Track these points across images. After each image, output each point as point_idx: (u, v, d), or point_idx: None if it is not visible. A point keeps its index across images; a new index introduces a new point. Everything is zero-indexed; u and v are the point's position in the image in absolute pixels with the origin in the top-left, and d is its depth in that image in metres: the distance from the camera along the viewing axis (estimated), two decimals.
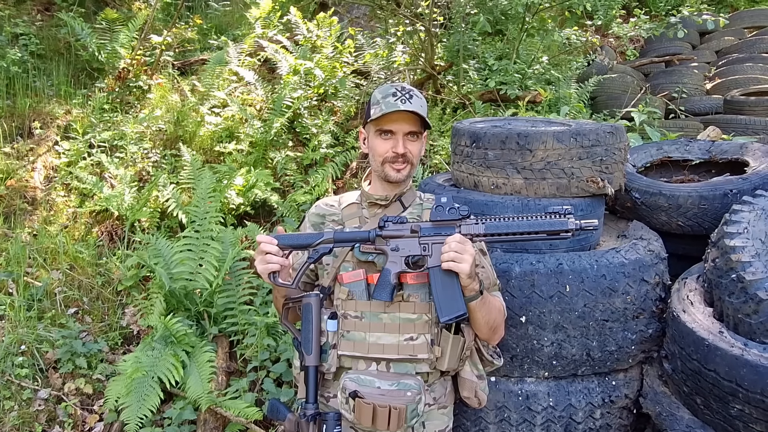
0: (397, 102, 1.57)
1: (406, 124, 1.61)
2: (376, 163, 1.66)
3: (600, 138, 2.14)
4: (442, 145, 4.46)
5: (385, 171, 1.64)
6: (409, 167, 1.65)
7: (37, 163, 4.11)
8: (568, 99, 5.09)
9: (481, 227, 1.49)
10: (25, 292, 3.17)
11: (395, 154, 1.61)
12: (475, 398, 1.68)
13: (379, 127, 1.62)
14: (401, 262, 1.52)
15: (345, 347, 1.58)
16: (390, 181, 1.66)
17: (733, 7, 8.83)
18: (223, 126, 4.60)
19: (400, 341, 1.56)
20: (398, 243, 1.53)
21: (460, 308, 1.48)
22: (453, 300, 1.48)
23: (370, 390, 1.50)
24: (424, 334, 1.56)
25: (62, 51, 5.25)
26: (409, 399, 1.49)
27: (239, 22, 6.34)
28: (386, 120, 1.60)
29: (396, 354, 1.55)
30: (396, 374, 1.56)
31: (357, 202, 1.74)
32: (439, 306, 1.48)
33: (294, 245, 1.58)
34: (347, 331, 1.58)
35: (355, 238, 1.56)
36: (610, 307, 1.97)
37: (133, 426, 2.41)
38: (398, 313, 1.57)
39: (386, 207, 1.69)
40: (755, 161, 2.56)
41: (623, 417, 2.10)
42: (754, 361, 1.58)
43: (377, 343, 1.56)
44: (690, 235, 2.41)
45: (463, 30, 5.32)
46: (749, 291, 1.70)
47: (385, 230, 1.54)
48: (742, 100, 5.04)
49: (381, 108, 1.59)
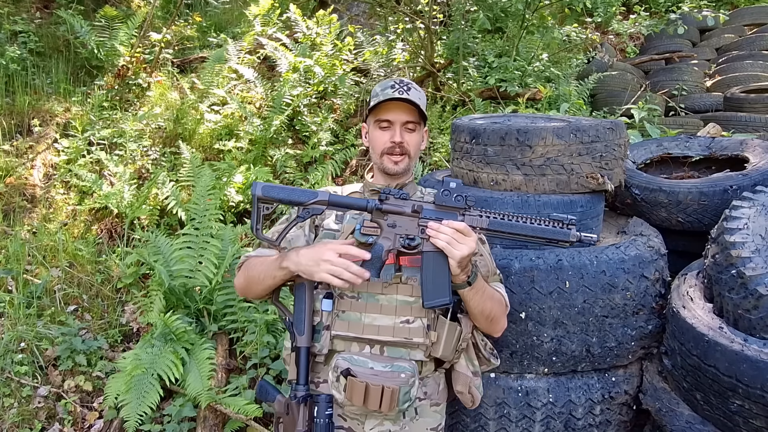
0: (395, 93, 1.60)
1: (402, 114, 1.62)
2: (375, 155, 1.68)
3: (600, 134, 2.14)
4: (441, 142, 4.45)
5: (384, 163, 1.66)
6: (407, 159, 1.66)
7: (36, 161, 4.10)
8: (568, 96, 5.08)
9: (485, 221, 1.46)
10: (24, 289, 3.17)
11: (393, 144, 1.63)
12: (469, 394, 1.65)
13: (378, 118, 1.64)
14: (395, 240, 1.48)
15: (339, 327, 1.54)
16: (389, 174, 1.67)
17: (733, 4, 8.81)
18: (223, 123, 4.59)
19: (395, 323, 1.53)
20: (396, 220, 1.49)
21: (445, 296, 1.44)
22: (440, 287, 1.45)
23: (363, 370, 1.47)
24: (420, 317, 1.55)
25: (61, 48, 5.24)
26: (403, 381, 1.47)
27: (239, 19, 6.34)
28: (383, 109, 1.62)
29: (391, 336, 1.53)
30: (389, 357, 1.54)
31: (359, 191, 1.75)
32: (425, 290, 1.45)
33: (284, 200, 1.48)
34: (342, 311, 1.55)
35: (351, 204, 1.50)
36: (609, 303, 1.96)
37: (133, 423, 2.41)
38: (395, 295, 1.55)
39: None
40: (755, 158, 2.55)
41: (623, 413, 2.10)
42: (754, 357, 1.58)
43: (372, 324, 1.53)
44: (690, 231, 2.41)
45: (463, 27, 5.31)
46: (749, 286, 1.70)
47: (386, 204, 1.48)
48: (742, 98, 5.02)
49: (379, 99, 1.62)
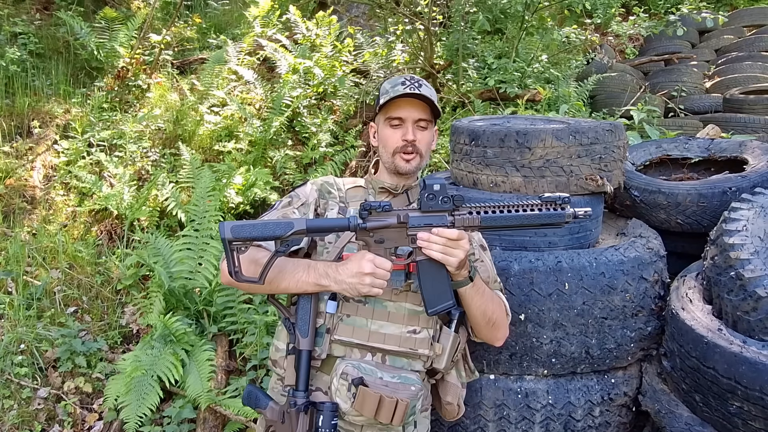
0: (406, 89, 1.55)
1: (415, 111, 1.58)
2: (386, 155, 1.63)
3: (599, 136, 2.14)
4: (441, 143, 4.45)
5: (395, 162, 1.61)
6: (419, 158, 1.61)
7: (36, 162, 4.11)
8: (568, 97, 5.07)
9: (476, 219, 1.41)
10: (24, 291, 3.17)
11: (405, 142, 1.58)
12: (457, 406, 1.63)
13: (389, 115, 1.60)
14: (386, 255, 1.41)
15: (343, 332, 1.47)
16: (400, 173, 1.62)
17: (733, 5, 8.81)
18: (223, 125, 4.60)
19: (402, 332, 1.49)
20: (383, 234, 1.40)
21: (447, 299, 1.42)
22: (441, 293, 1.42)
23: (373, 379, 1.40)
24: (427, 328, 1.51)
25: (61, 50, 5.25)
26: (413, 394, 1.42)
27: (238, 21, 6.34)
28: (395, 107, 1.58)
29: (397, 346, 1.48)
30: (393, 367, 1.49)
31: (363, 186, 1.69)
32: (426, 298, 1.42)
33: (258, 237, 1.33)
34: (347, 315, 1.48)
35: (332, 226, 1.42)
36: (609, 304, 1.97)
37: (133, 424, 2.42)
38: (405, 303, 1.50)
39: (395, 197, 1.65)
40: (754, 159, 2.55)
41: (622, 415, 2.10)
42: (753, 359, 1.58)
43: (379, 332, 1.48)
44: (689, 233, 2.41)
45: (463, 29, 5.31)
46: (748, 288, 1.70)
47: (369, 221, 1.39)
48: (741, 99, 5.02)
49: (389, 96, 1.57)
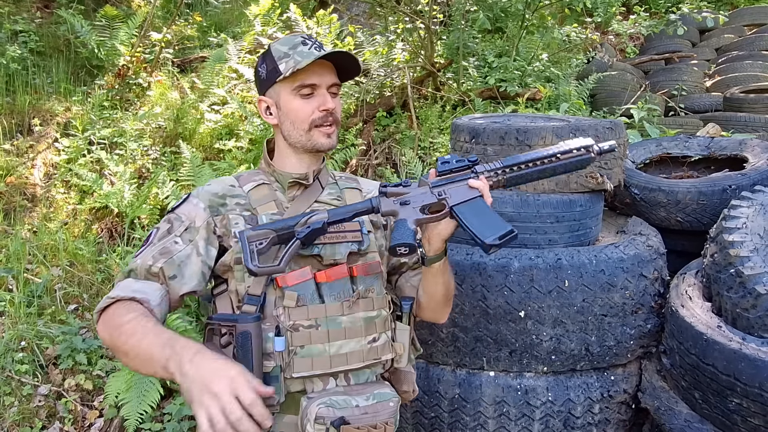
0: (312, 50, 1.30)
1: (327, 75, 1.34)
2: (298, 132, 1.35)
3: (599, 134, 2.14)
4: (441, 142, 4.46)
5: (314, 138, 1.35)
6: (337, 129, 1.38)
7: (36, 160, 4.11)
8: (568, 96, 5.08)
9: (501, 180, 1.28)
10: (25, 288, 3.17)
11: (324, 112, 1.33)
12: (413, 392, 1.47)
13: (299, 83, 1.31)
14: (416, 212, 1.26)
15: (300, 367, 1.24)
16: (320, 150, 1.37)
17: (733, 4, 8.82)
18: (223, 123, 4.59)
19: (363, 346, 1.30)
20: (408, 197, 1.28)
21: (504, 227, 1.23)
22: (492, 222, 1.24)
23: (351, 411, 1.21)
24: (384, 332, 1.35)
25: (62, 48, 5.24)
26: (393, 410, 1.26)
27: (239, 19, 6.34)
28: (303, 73, 1.30)
29: (361, 361, 1.30)
30: (360, 385, 1.31)
31: (266, 182, 1.39)
32: (480, 232, 1.22)
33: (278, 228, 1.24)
34: (300, 347, 1.24)
35: (356, 210, 1.28)
36: (608, 302, 1.97)
37: (133, 422, 2.42)
38: (359, 313, 1.30)
39: (306, 187, 1.39)
40: (754, 157, 2.56)
41: (622, 412, 2.11)
42: (752, 356, 1.59)
43: (340, 354, 1.27)
44: (689, 230, 2.41)
45: (463, 27, 5.31)
46: (748, 286, 1.71)
47: (386, 198, 1.29)
48: (741, 98, 5.03)
49: (296, 60, 1.29)
